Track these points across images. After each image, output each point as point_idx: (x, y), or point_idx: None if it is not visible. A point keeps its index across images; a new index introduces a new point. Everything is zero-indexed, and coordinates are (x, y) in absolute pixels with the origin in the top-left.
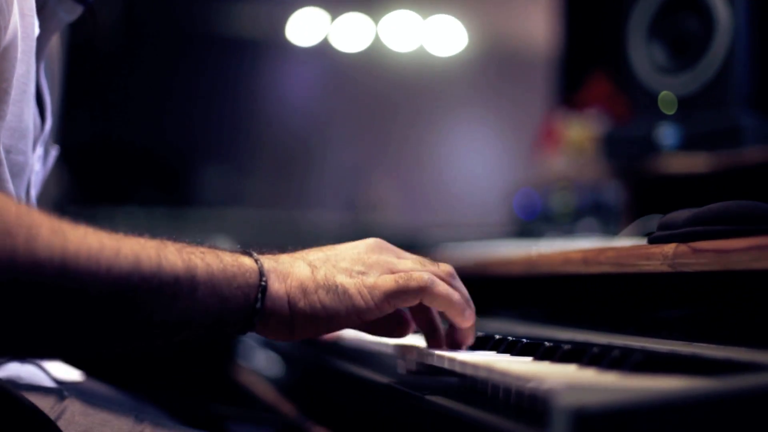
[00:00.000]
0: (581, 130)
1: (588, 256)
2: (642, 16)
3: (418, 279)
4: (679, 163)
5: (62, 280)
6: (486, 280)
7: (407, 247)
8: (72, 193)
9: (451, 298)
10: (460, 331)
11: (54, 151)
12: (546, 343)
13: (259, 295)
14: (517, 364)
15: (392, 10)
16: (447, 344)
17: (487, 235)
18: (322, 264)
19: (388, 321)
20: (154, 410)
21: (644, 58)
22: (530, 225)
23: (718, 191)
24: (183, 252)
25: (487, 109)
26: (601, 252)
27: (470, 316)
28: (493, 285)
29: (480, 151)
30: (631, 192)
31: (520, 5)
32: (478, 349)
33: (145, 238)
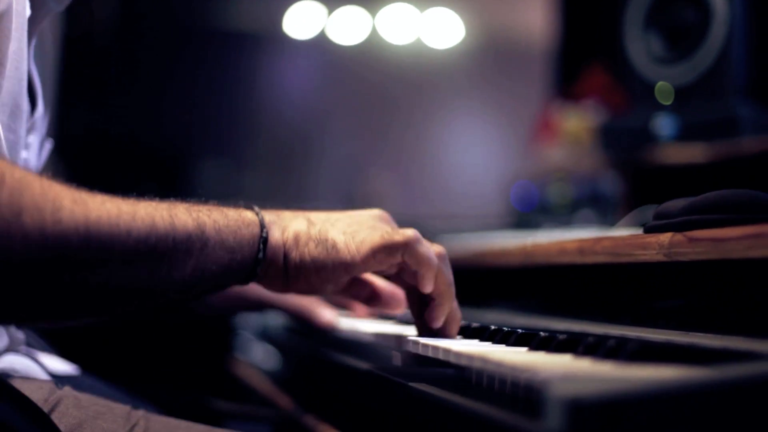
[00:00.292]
0: (578, 122)
1: (584, 246)
2: (638, 7)
3: (403, 233)
4: (676, 154)
5: (87, 247)
6: (482, 270)
7: None
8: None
9: (430, 261)
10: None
11: (48, 144)
12: (541, 334)
13: (261, 245)
14: (512, 354)
15: (389, 3)
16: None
17: (485, 226)
18: (320, 221)
19: (377, 295)
20: (149, 404)
21: (641, 48)
22: (528, 216)
23: (716, 181)
24: (192, 211)
25: (485, 101)
26: (597, 242)
27: (446, 298)
28: (489, 276)
29: (477, 143)
30: (629, 183)
31: None
32: (474, 339)
33: (156, 200)
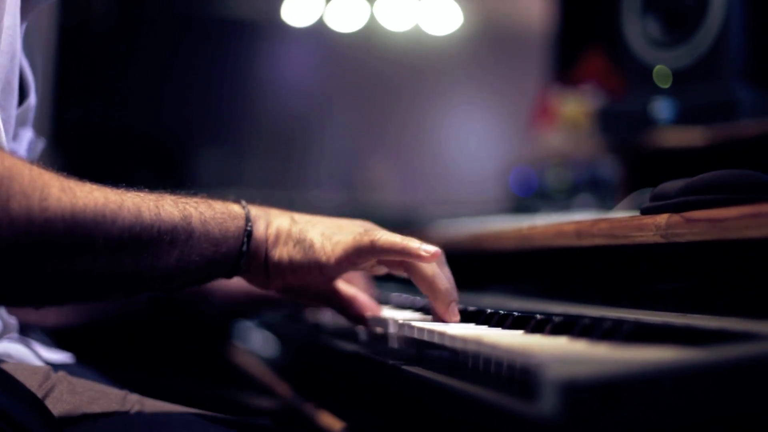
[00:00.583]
0: (576, 106)
1: (581, 228)
2: None
3: (371, 234)
4: (674, 137)
5: (72, 233)
6: (479, 254)
7: (404, 225)
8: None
9: (399, 244)
10: (443, 310)
11: (40, 142)
12: (537, 316)
13: (245, 239)
14: (508, 337)
15: None
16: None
17: (483, 211)
18: (303, 221)
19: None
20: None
21: (639, 32)
22: (526, 201)
23: (714, 165)
24: (179, 203)
25: (484, 87)
26: (593, 224)
27: (439, 285)
28: (486, 260)
29: (476, 129)
30: (627, 167)
31: None
32: (470, 323)
33: (144, 191)
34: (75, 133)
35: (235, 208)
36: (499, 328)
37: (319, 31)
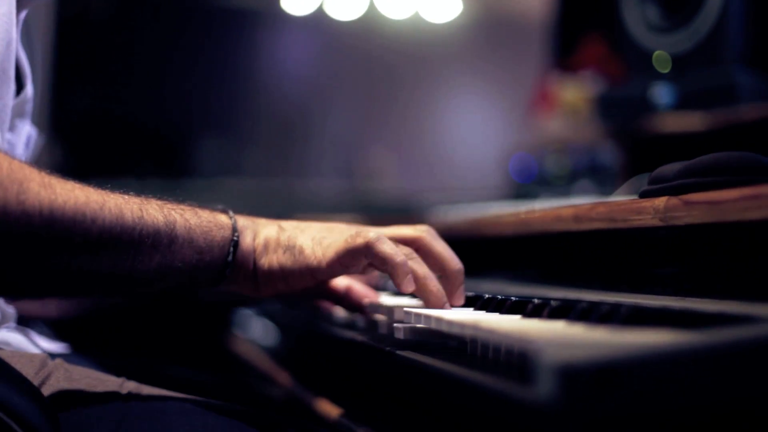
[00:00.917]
0: (576, 92)
1: (579, 213)
2: None
3: (364, 236)
4: (674, 122)
5: (50, 229)
6: (477, 240)
7: (403, 212)
8: (65, 167)
9: (394, 259)
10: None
11: (40, 140)
12: (535, 301)
13: (231, 249)
14: (505, 322)
15: None
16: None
17: (483, 198)
18: (291, 228)
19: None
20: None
21: (638, 17)
22: (526, 188)
23: (714, 149)
24: (164, 208)
25: (483, 74)
26: (592, 208)
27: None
28: (484, 245)
29: (476, 116)
30: (627, 152)
31: None
32: (468, 308)
33: (130, 194)
34: (74, 124)
35: (222, 218)
36: (497, 313)
37: (318, 20)
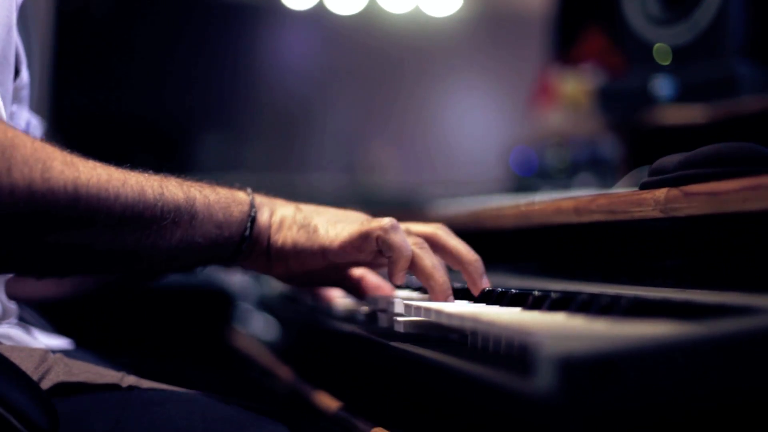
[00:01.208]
0: (576, 85)
1: (579, 205)
2: None
3: (379, 222)
4: (675, 115)
5: (74, 207)
6: (477, 232)
7: (404, 206)
8: None
9: (402, 248)
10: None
11: (41, 128)
12: (535, 293)
13: (249, 224)
14: (505, 314)
15: None
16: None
17: (484, 191)
18: (308, 209)
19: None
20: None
21: (638, 9)
22: (527, 181)
23: (715, 142)
24: (183, 185)
25: (483, 68)
26: (592, 200)
27: (431, 281)
28: (484, 238)
29: (477, 110)
30: (628, 145)
31: None
32: (467, 301)
33: (150, 172)
34: (75, 119)
35: (240, 195)
36: (497, 306)
37: (319, 14)
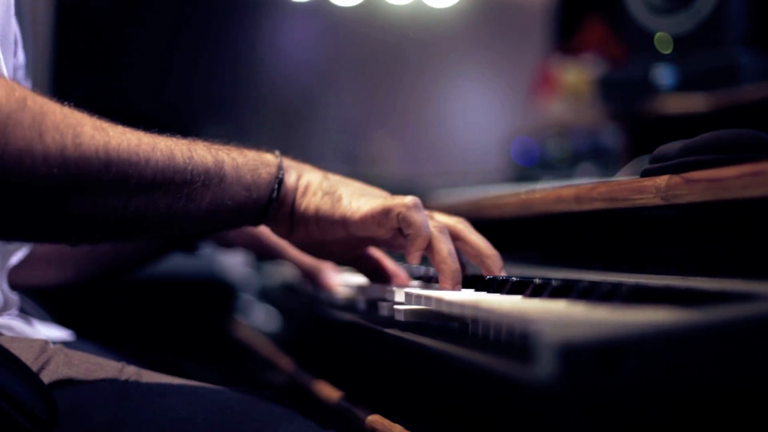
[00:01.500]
0: (577, 75)
1: (580, 193)
2: None
3: (402, 199)
4: (676, 104)
5: (107, 172)
6: (478, 221)
7: (405, 194)
8: None
9: (422, 228)
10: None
11: None
12: (535, 281)
13: (276, 186)
14: (506, 302)
15: None
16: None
17: (485, 181)
18: (335, 180)
19: (380, 270)
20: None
21: None
22: (528, 171)
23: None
24: (211, 149)
25: (485, 58)
26: (593, 188)
27: (450, 266)
28: (485, 227)
29: (478, 100)
30: (629, 134)
31: None
32: (468, 289)
33: (177, 137)
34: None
35: (268, 157)
36: (498, 294)
37: (320, 5)
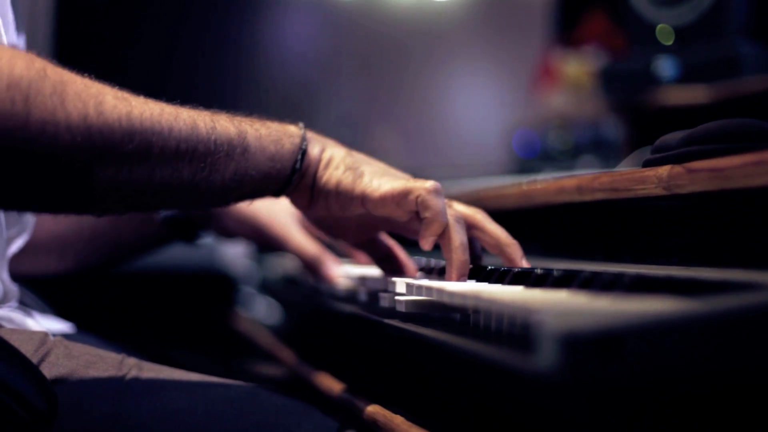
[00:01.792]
0: (579, 67)
1: (582, 183)
2: None
3: (423, 182)
4: (678, 95)
5: (130, 140)
6: None
7: None
8: None
9: (439, 213)
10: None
11: None
12: (537, 271)
13: (299, 156)
14: (508, 292)
15: None
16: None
17: (487, 174)
18: (359, 157)
19: (391, 257)
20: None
21: None
22: (530, 163)
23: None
24: (234, 119)
25: (486, 50)
26: (595, 178)
27: (460, 256)
28: None
29: (479, 93)
30: (631, 126)
31: None
32: (470, 279)
33: (199, 108)
34: None
35: (292, 128)
36: (499, 284)
37: None
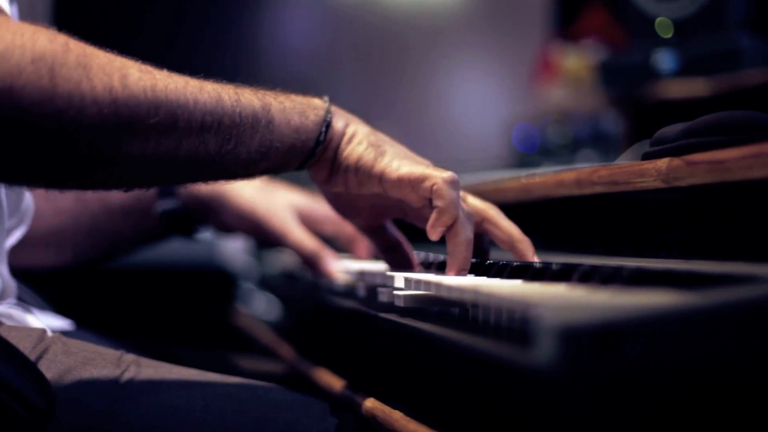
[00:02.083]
0: (578, 61)
1: (581, 177)
2: None
3: (442, 171)
4: (678, 89)
5: (155, 113)
6: None
7: None
8: None
9: (452, 205)
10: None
11: None
12: (536, 265)
13: (324, 128)
14: (506, 286)
15: None
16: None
17: (486, 168)
18: (384, 137)
19: (397, 250)
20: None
21: None
22: (530, 158)
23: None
24: (258, 93)
25: (485, 45)
26: (594, 171)
27: (464, 253)
28: None
29: (478, 87)
30: (630, 120)
31: None
32: (469, 274)
33: (222, 81)
34: None
35: (316, 101)
36: (498, 278)
37: None
